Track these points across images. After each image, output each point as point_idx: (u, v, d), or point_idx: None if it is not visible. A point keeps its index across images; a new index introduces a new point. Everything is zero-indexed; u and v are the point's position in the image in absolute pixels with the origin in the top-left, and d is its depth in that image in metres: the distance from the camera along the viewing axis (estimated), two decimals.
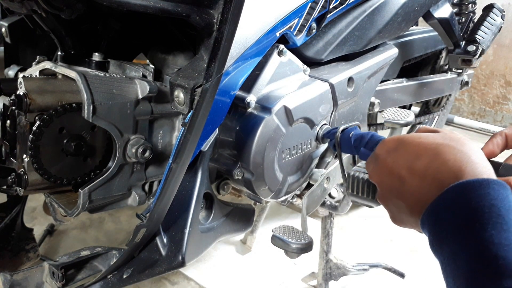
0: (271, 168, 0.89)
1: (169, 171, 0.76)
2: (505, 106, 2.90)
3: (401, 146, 0.57)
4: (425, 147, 0.54)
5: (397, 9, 1.15)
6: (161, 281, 1.33)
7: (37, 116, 0.82)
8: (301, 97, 0.91)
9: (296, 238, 0.87)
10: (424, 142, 0.55)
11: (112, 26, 1.00)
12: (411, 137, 0.58)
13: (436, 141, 0.54)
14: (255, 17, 0.81)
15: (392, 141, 0.60)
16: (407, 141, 0.57)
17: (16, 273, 0.96)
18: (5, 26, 1.10)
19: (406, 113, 1.09)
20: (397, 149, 0.58)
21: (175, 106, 0.77)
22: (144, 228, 0.81)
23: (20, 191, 0.86)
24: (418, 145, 0.55)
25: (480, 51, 1.37)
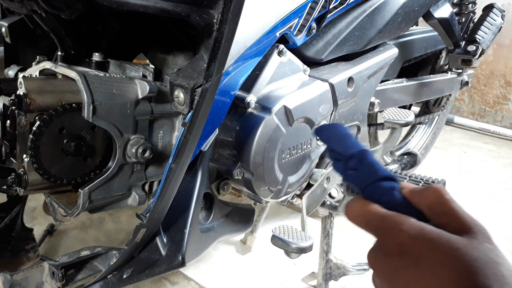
0: (271, 168, 0.89)
1: (169, 171, 0.76)
2: (505, 106, 2.90)
3: (426, 258, 0.41)
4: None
5: (397, 9, 1.15)
6: (161, 281, 1.33)
7: (37, 116, 0.82)
8: (301, 97, 0.91)
9: (296, 238, 0.87)
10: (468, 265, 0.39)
11: (112, 26, 1.00)
12: (442, 247, 0.41)
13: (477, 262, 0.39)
14: (255, 17, 0.81)
15: (410, 242, 0.42)
16: (439, 253, 0.41)
17: (16, 273, 0.96)
18: (5, 26, 1.10)
19: (406, 113, 1.09)
20: (421, 261, 0.41)
21: (175, 106, 0.77)
22: (144, 228, 0.81)
23: (20, 191, 0.86)
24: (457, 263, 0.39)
25: (480, 51, 1.37)
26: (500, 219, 1.74)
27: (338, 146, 0.55)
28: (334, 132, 0.57)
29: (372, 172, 0.51)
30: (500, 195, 1.98)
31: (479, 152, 2.52)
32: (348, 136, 0.56)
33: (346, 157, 0.53)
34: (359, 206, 0.49)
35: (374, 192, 0.50)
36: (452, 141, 2.68)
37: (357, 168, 0.52)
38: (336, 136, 0.56)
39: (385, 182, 0.50)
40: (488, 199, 1.93)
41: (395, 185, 0.50)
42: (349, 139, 0.55)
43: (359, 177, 0.52)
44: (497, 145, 2.65)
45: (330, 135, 0.57)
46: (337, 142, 0.55)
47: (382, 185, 0.50)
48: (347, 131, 0.57)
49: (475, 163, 2.36)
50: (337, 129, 0.57)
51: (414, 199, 0.48)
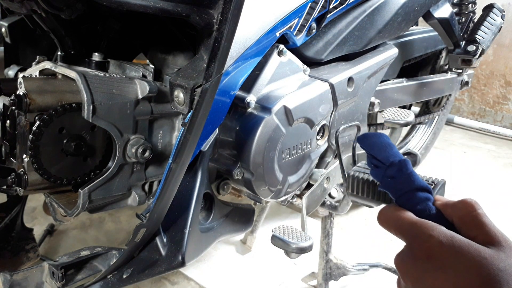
0: (271, 168, 0.89)
1: (169, 171, 0.76)
2: (505, 106, 2.90)
3: (453, 264, 0.43)
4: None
5: (397, 9, 1.15)
6: (161, 281, 1.33)
7: (37, 116, 0.82)
8: (301, 97, 0.91)
9: (296, 238, 0.86)
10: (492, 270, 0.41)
11: (112, 26, 1.00)
12: (470, 255, 0.43)
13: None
14: (255, 17, 0.81)
15: (439, 247, 0.45)
16: (465, 258, 0.43)
17: (16, 273, 0.96)
18: (5, 26, 1.10)
19: (406, 113, 1.09)
20: (448, 266, 0.44)
21: (175, 106, 0.77)
22: (144, 228, 0.81)
23: (20, 191, 0.86)
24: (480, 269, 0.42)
25: (480, 51, 1.37)
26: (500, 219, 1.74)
27: (379, 154, 0.58)
28: (376, 141, 0.60)
29: (410, 182, 0.53)
30: (500, 195, 1.98)
31: (479, 152, 2.52)
32: (389, 145, 0.59)
33: (386, 165, 0.56)
34: (392, 212, 0.52)
35: (409, 201, 0.53)
36: (452, 141, 2.68)
37: (395, 177, 0.55)
38: (378, 144, 0.59)
39: (420, 193, 0.53)
40: (488, 199, 1.93)
41: (429, 196, 0.53)
42: (391, 149, 0.58)
43: (397, 185, 0.54)
44: (497, 145, 2.65)
45: (372, 143, 0.59)
46: (379, 150, 0.58)
47: (418, 195, 0.53)
48: (389, 140, 0.60)
49: (475, 163, 2.36)
50: (380, 138, 0.60)
51: (446, 211, 0.50)
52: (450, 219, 0.50)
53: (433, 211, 0.52)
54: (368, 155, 0.60)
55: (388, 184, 0.55)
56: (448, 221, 0.50)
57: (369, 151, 0.59)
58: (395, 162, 0.55)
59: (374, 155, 0.58)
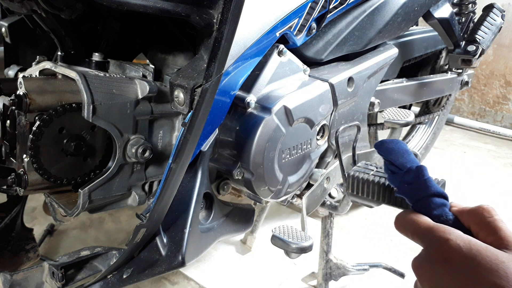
0: (271, 168, 0.89)
1: (169, 171, 0.76)
2: (505, 106, 2.90)
3: (473, 270, 0.44)
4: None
5: (397, 9, 1.15)
6: (161, 281, 1.33)
7: (37, 116, 0.82)
8: (301, 97, 0.91)
9: (296, 238, 0.86)
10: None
11: (112, 26, 1.00)
12: (488, 258, 0.44)
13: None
14: (255, 17, 0.81)
15: (457, 251, 0.45)
16: (484, 266, 0.43)
17: (16, 273, 0.96)
18: (5, 26, 1.10)
19: (406, 113, 1.09)
20: (466, 269, 0.44)
21: (175, 106, 0.77)
22: (144, 228, 0.81)
23: (20, 191, 0.86)
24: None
25: (480, 51, 1.37)
26: None
27: (396, 160, 0.59)
28: (393, 147, 0.61)
29: (426, 188, 0.54)
30: (500, 195, 1.98)
31: (479, 152, 2.52)
32: (406, 151, 0.60)
33: (403, 171, 0.57)
34: (409, 217, 0.53)
35: (425, 206, 0.54)
36: (452, 141, 2.68)
37: (413, 183, 0.55)
38: (395, 150, 0.60)
39: (437, 199, 0.54)
40: (488, 199, 1.93)
41: (446, 202, 0.54)
42: (408, 155, 0.59)
43: (413, 191, 0.55)
44: (497, 145, 2.65)
45: (390, 150, 0.61)
46: (396, 156, 0.59)
47: (434, 200, 0.54)
48: (406, 147, 0.61)
49: (475, 163, 2.36)
50: (397, 144, 0.61)
51: (463, 217, 0.51)
52: (467, 225, 0.51)
53: (450, 216, 0.52)
54: (385, 161, 0.61)
55: (405, 190, 0.56)
56: (465, 226, 0.51)
57: (387, 157, 0.60)
58: (412, 168, 0.56)
59: (392, 161, 0.59)
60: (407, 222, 0.53)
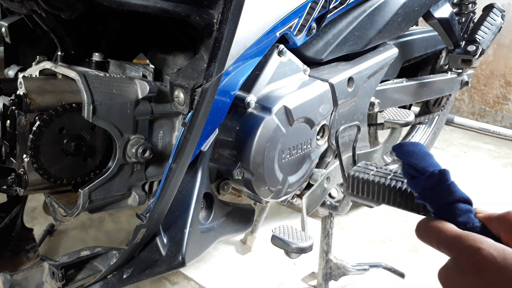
0: (271, 168, 0.89)
1: (169, 171, 0.76)
2: (505, 106, 2.90)
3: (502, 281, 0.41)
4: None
5: (397, 9, 1.15)
6: (161, 281, 1.33)
7: (37, 116, 0.82)
8: (301, 97, 0.91)
9: (296, 238, 0.86)
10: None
11: (112, 26, 1.00)
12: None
13: None
14: (255, 17, 0.81)
15: (491, 261, 0.42)
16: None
17: (16, 273, 0.96)
18: (5, 26, 1.10)
19: (406, 113, 1.09)
20: (501, 281, 0.41)
21: (175, 106, 0.77)
22: (144, 228, 0.81)
23: (20, 191, 0.86)
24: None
25: (480, 51, 1.37)
26: None
27: (418, 163, 0.54)
28: (414, 150, 0.56)
29: (450, 193, 0.51)
30: (500, 195, 1.98)
31: (479, 152, 2.52)
32: (428, 155, 0.56)
33: (426, 176, 0.53)
34: (433, 224, 0.50)
35: (450, 213, 0.50)
36: (452, 141, 2.68)
37: (436, 188, 0.52)
38: (416, 153, 0.56)
39: (462, 204, 0.50)
40: (488, 199, 1.93)
41: (471, 208, 0.50)
42: (430, 158, 0.55)
43: (437, 196, 0.51)
44: (497, 145, 2.65)
45: (410, 152, 0.56)
46: (417, 159, 0.55)
47: (459, 206, 0.50)
48: (426, 149, 0.57)
49: (475, 163, 2.36)
50: (417, 147, 0.57)
51: (491, 224, 0.48)
52: (495, 233, 0.47)
53: (477, 223, 0.49)
54: (405, 165, 0.57)
55: (427, 196, 0.53)
56: (493, 234, 0.48)
57: (407, 160, 0.56)
58: (435, 173, 0.52)
59: (413, 164, 0.55)
60: (431, 230, 0.49)
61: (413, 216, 0.58)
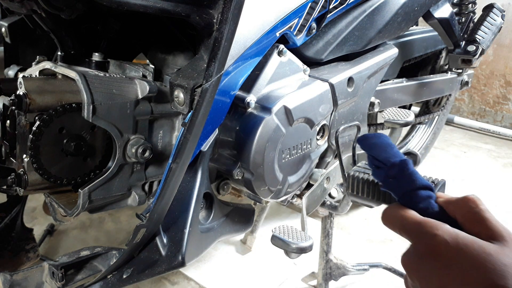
0: (271, 168, 0.89)
1: (169, 171, 0.76)
2: (505, 106, 2.90)
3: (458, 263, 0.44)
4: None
5: (397, 9, 1.15)
6: (161, 281, 1.33)
7: (37, 116, 0.82)
8: (301, 97, 0.91)
9: (296, 238, 0.86)
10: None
11: (112, 26, 1.00)
12: (475, 252, 0.43)
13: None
14: (255, 17, 0.81)
15: (445, 246, 0.45)
16: (472, 257, 0.43)
17: (16, 273, 0.96)
18: (5, 26, 1.10)
19: (406, 113, 1.09)
20: (454, 264, 0.44)
21: (175, 106, 0.77)
22: (144, 228, 0.81)
23: (20, 191, 0.86)
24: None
25: (480, 51, 1.37)
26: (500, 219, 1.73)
27: (380, 155, 0.58)
28: (377, 142, 0.60)
29: (411, 181, 0.54)
30: (500, 195, 1.98)
31: (479, 152, 2.52)
32: (390, 145, 0.59)
33: (388, 166, 0.56)
34: (396, 211, 0.53)
35: (411, 200, 0.53)
36: (452, 141, 2.68)
37: (397, 177, 0.55)
38: (379, 145, 0.59)
39: (422, 191, 0.53)
40: (488, 199, 1.93)
41: (431, 194, 0.53)
42: (391, 149, 0.58)
43: (399, 185, 0.55)
44: (497, 145, 2.65)
45: (373, 144, 0.60)
46: (380, 151, 0.58)
47: (420, 193, 0.53)
48: (389, 140, 0.61)
49: (475, 163, 2.36)
50: (380, 139, 0.60)
51: (449, 208, 0.51)
52: (453, 216, 0.50)
53: (436, 208, 0.52)
54: (369, 156, 0.60)
55: (390, 185, 0.56)
56: (451, 218, 0.50)
57: (370, 152, 0.60)
58: (396, 163, 0.56)
59: (375, 156, 0.58)
60: (394, 217, 0.53)
61: None
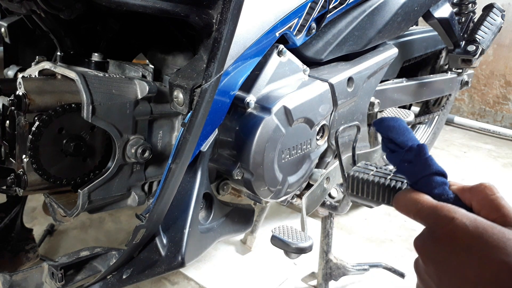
0: (270, 168, 0.89)
1: (169, 171, 0.76)
2: (505, 106, 2.90)
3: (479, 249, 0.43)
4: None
5: (397, 9, 1.15)
6: (161, 281, 1.33)
7: (37, 117, 0.82)
8: (301, 97, 0.91)
9: (296, 238, 0.86)
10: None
11: (112, 26, 1.00)
12: (495, 236, 0.43)
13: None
14: (255, 17, 0.81)
15: (463, 230, 0.44)
16: (491, 243, 0.43)
17: (15, 274, 0.96)
18: (5, 26, 1.10)
19: (405, 113, 1.09)
20: (473, 248, 0.44)
21: (175, 106, 0.77)
22: (144, 229, 0.81)
23: (19, 192, 0.86)
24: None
25: (480, 51, 1.37)
26: None
27: (397, 138, 0.57)
28: (394, 125, 0.58)
29: (427, 166, 0.53)
30: None
31: (479, 152, 2.52)
32: (407, 130, 0.58)
33: (405, 150, 0.55)
34: (411, 196, 0.52)
35: (426, 185, 0.53)
36: (452, 141, 2.68)
37: (413, 161, 0.54)
38: (396, 128, 0.58)
39: (438, 177, 0.53)
40: None
41: (446, 181, 0.53)
42: (408, 133, 0.57)
43: (414, 170, 0.54)
44: (497, 145, 2.65)
45: (390, 127, 0.58)
46: (397, 134, 0.57)
47: (435, 179, 0.53)
48: (406, 124, 0.60)
49: (475, 163, 2.36)
50: (397, 122, 0.59)
51: (464, 195, 0.51)
52: (468, 203, 0.50)
53: (451, 195, 0.52)
54: (384, 139, 0.59)
55: (405, 169, 0.55)
56: (466, 205, 0.50)
57: (387, 134, 0.58)
58: (413, 147, 0.55)
59: (393, 138, 0.57)
60: (409, 201, 0.52)
61: None
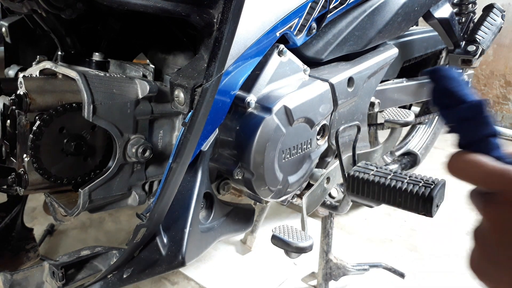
0: (271, 168, 0.89)
1: (169, 171, 0.76)
2: (505, 106, 2.90)
3: None
4: None
5: (397, 9, 1.15)
6: (161, 281, 1.33)
7: (37, 116, 0.82)
8: (301, 97, 0.91)
9: (296, 238, 0.87)
10: None
11: (112, 26, 1.01)
12: None
13: None
14: (255, 17, 0.81)
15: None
16: None
17: (16, 273, 0.96)
18: (5, 26, 1.10)
19: (406, 113, 1.09)
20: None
21: (175, 106, 0.77)
22: (144, 228, 0.81)
23: (20, 191, 0.86)
24: None
25: (480, 51, 1.37)
26: None
27: (459, 91, 0.49)
28: (454, 76, 0.50)
29: (487, 126, 0.47)
30: None
31: None
32: (467, 83, 0.50)
33: (465, 105, 0.48)
34: (470, 158, 0.46)
35: (484, 147, 0.47)
36: (452, 141, 2.68)
37: (472, 119, 0.47)
38: (456, 80, 0.50)
39: (494, 139, 0.47)
40: None
41: (501, 144, 0.47)
42: (468, 87, 0.50)
43: (472, 129, 0.48)
44: None
45: (449, 78, 0.50)
46: (458, 87, 0.49)
47: (493, 140, 0.47)
48: (465, 78, 0.53)
49: None
50: (456, 73, 0.51)
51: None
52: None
53: (509, 159, 0.46)
54: (437, 92, 0.51)
55: (462, 127, 0.48)
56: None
57: (446, 85, 0.50)
58: (475, 103, 0.47)
59: (453, 91, 0.49)
60: (469, 164, 0.46)
61: (413, 216, 0.59)
